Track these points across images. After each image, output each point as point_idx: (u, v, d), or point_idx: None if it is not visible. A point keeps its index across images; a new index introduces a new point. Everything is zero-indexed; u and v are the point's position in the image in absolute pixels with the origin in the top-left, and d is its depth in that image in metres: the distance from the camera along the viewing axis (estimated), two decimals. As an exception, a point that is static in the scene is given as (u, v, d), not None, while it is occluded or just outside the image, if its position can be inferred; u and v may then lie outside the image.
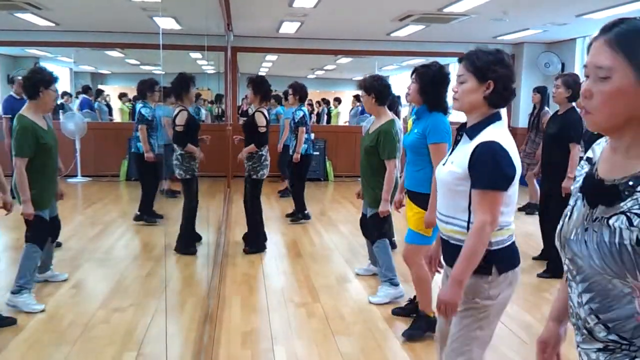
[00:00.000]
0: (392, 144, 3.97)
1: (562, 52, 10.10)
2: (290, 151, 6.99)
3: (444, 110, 3.40)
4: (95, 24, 9.22)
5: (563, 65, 10.07)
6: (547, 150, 4.98)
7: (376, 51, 10.87)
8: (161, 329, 3.55)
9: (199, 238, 5.53)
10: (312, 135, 7.49)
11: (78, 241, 5.70)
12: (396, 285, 4.19)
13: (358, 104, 13.99)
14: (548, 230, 4.92)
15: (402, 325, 3.72)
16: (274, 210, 7.58)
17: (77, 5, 7.75)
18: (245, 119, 16.12)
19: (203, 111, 13.85)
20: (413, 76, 3.41)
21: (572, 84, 4.77)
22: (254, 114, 5.38)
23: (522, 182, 8.46)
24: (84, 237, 5.88)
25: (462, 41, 10.45)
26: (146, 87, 6.52)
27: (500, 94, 2.06)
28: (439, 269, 2.40)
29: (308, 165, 7.05)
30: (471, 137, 2.06)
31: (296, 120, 6.88)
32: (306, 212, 6.88)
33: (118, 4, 7.40)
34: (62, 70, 16.16)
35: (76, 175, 9.70)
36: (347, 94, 16.61)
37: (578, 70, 9.84)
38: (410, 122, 3.45)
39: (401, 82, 19.46)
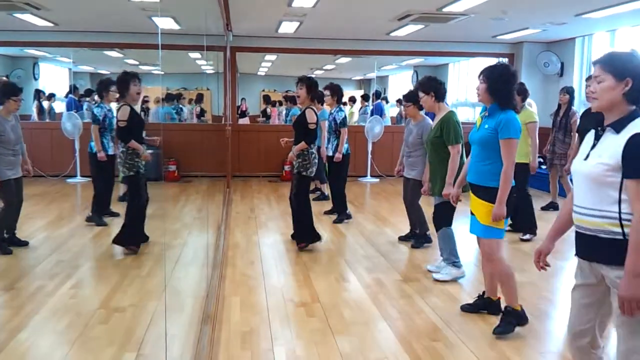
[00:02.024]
0: (454, 130, 4.49)
1: (562, 52, 10.10)
2: (330, 152, 7.10)
3: (514, 107, 3.54)
4: (94, 24, 9.22)
5: (562, 64, 10.07)
6: None
7: (375, 51, 10.88)
8: (161, 329, 3.55)
9: (145, 239, 5.50)
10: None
11: (77, 241, 5.69)
12: (459, 267, 4.61)
13: (366, 103, 13.92)
14: None
15: (402, 325, 3.73)
16: (272, 210, 7.58)
17: (76, 5, 7.75)
18: (263, 118, 16.01)
19: (185, 110, 13.86)
20: (480, 77, 3.53)
21: None
22: (304, 111, 5.45)
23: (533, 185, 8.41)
24: (83, 237, 5.87)
25: (461, 41, 10.46)
26: (102, 87, 6.49)
27: (639, 90, 2.17)
28: (544, 266, 2.51)
29: (348, 164, 7.19)
30: (618, 131, 2.16)
31: (338, 121, 7.01)
32: (348, 211, 7.01)
33: (117, 4, 7.40)
34: (61, 71, 16.17)
35: (75, 176, 9.70)
36: (347, 94, 16.54)
37: (577, 69, 9.86)
38: (479, 119, 3.64)
39: (400, 81, 19.50)
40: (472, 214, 3.67)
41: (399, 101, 16.15)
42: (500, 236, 3.57)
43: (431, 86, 4.65)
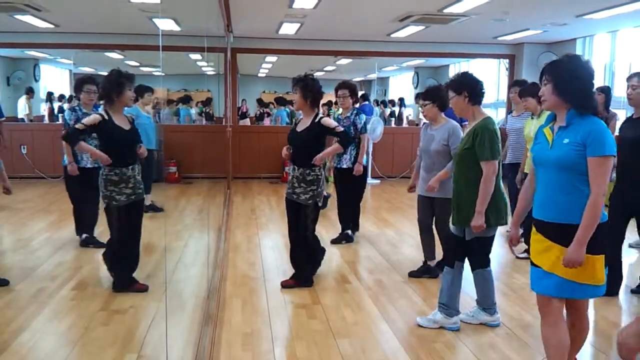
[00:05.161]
0: (491, 142, 3.42)
1: (563, 53, 9.97)
2: (346, 163, 5.84)
3: (595, 111, 2.60)
4: (94, 26, 9.22)
5: (563, 65, 10.06)
6: (629, 158, 4.06)
7: (376, 52, 10.88)
8: (161, 330, 3.55)
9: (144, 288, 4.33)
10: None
11: (78, 244, 5.68)
12: (491, 314, 3.74)
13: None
14: None
15: (403, 326, 3.72)
16: (273, 211, 7.58)
17: (76, 7, 7.76)
18: (261, 122, 15.97)
19: (193, 111, 13.94)
20: (543, 77, 2.66)
21: None
22: (319, 121, 4.43)
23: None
24: (84, 239, 5.87)
25: (462, 42, 10.46)
26: (76, 86, 5.47)
27: None
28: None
29: (367, 177, 6.26)
30: None
31: (359, 126, 5.83)
32: (353, 233, 6.05)
33: (118, 5, 7.40)
34: (62, 72, 16.19)
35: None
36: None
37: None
38: (548, 132, 2.67)
39: (401, 82, 19.51)
40: (533, 264, 2.71)
41: (383, 103, 16.21)
42: (601, 293, 2.64)
43: (463, 84, 3.57)
